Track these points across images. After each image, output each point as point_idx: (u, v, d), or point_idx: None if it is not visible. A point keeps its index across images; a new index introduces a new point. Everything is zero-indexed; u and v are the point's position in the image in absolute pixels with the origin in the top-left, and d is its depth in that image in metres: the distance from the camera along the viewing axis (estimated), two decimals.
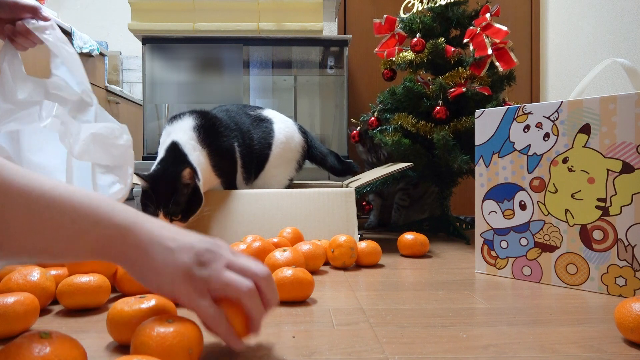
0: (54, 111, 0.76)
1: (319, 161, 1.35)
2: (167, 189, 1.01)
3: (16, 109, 0.77)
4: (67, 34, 1.91)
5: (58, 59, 0.86)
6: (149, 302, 0.53)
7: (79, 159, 0.81)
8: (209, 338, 0.51)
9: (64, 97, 0.85)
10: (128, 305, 0.52)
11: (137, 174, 1.01)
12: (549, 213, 0.81)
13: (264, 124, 1.28)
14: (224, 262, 0.46)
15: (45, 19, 0.84)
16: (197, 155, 1.11)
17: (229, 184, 1.22)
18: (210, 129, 1.16)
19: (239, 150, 1.21)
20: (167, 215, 1.01)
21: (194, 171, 1.04)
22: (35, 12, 0.83)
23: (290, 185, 1.33)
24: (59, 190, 0.40)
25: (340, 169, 1.32)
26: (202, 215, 1.10)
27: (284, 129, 1.29)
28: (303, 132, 1.34)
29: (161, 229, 0.45)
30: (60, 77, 0.86)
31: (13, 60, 0.82)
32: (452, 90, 1.30)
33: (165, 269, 0.43)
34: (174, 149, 1.09)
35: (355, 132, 1.57)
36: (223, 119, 1.22)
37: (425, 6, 1.44)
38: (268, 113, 1.32)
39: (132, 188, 1.48)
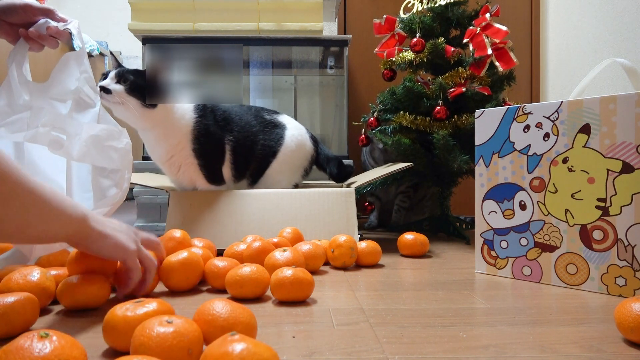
0: (39, 122, 0.76)
1: (322, 167, 1.37)
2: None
3: (11, 112, 0.77)
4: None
5: (62, 61, 0.85)
6: (150, 304, 0.53)
7: (79, 161, 0.81)
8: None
9: (65, 99, 0.85)
10: (122, 311, 0.51)
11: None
12: (549, 213, 0.81)
13: (276, 130, 1.28)
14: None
15: (62, 20, 0.83)
16: (188, 107, 1.18)
17: (209, 172, 1.20)
18: (210, 112, 1.22)
19: (231, 146, 1.21)
20: (119, 80, 1.05)
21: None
22: (50, 14, 0.82)
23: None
24: (30, 183, 0.52)
25: (337, 175, 1.33)
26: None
27: (296, 136, 1.29)
28: (314, 140, 1.35)
29: (104, 222, 0.63)
30: (62, 80, 0.86)
31: (21, 62, 0.82)
32: (452, 90, 1.30)
33: (118, 243, 0.63)
34: None
35: (362, 136, 1.56)
36: (226, 111, 1.25)
37: (425, 6, 1.44)
38: (283, 119, 1.32)
39: (132, 187, 1.48)
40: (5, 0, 0.79)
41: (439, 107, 1.28)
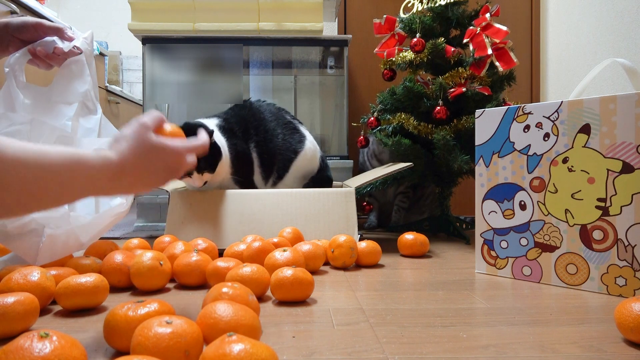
0: (40, 139, 0.76)
1: None
2: None
3: (10, 120, 0.77)
4: None
5: (69, 64, 0.85)
6: (151, 305, 0.53)
7: None
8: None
9: (68, 103, 0.85)
10: (123, 311, 0.51)
11: None
12: (549, 213, 0.81)
13: (297, 134, 1.32)
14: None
15: (70, 39, 0.84)
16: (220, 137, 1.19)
17: (244, 177, 1.23)
18: (229, 131, 1.23)
19: (257, 152, 1.24)
20: (199, 172, 1.12)
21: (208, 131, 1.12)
22: (59, 33, 0.82)
23: None
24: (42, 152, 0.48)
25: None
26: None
27: (312, 149, 1.32)
28: (322, 159, 1.38)
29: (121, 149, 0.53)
30: (70, 82, 0.85)
31: (18, 69, 0.82)
32: (452, 90, 1.30)
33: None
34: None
35: (361, 137, 1.56)
36: (241, 118, 1.26)
37: (425, 6, 1.44)
38: (304, 129, 1.35)
39: None
40: (19, 18, 0.79)
41: (439, 107, 1.28)
